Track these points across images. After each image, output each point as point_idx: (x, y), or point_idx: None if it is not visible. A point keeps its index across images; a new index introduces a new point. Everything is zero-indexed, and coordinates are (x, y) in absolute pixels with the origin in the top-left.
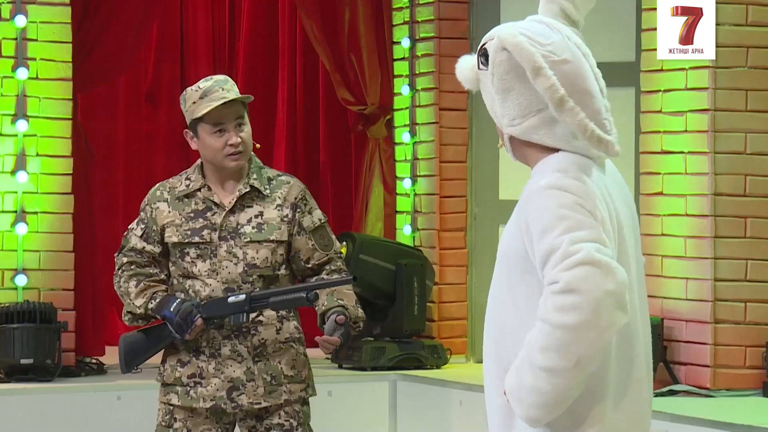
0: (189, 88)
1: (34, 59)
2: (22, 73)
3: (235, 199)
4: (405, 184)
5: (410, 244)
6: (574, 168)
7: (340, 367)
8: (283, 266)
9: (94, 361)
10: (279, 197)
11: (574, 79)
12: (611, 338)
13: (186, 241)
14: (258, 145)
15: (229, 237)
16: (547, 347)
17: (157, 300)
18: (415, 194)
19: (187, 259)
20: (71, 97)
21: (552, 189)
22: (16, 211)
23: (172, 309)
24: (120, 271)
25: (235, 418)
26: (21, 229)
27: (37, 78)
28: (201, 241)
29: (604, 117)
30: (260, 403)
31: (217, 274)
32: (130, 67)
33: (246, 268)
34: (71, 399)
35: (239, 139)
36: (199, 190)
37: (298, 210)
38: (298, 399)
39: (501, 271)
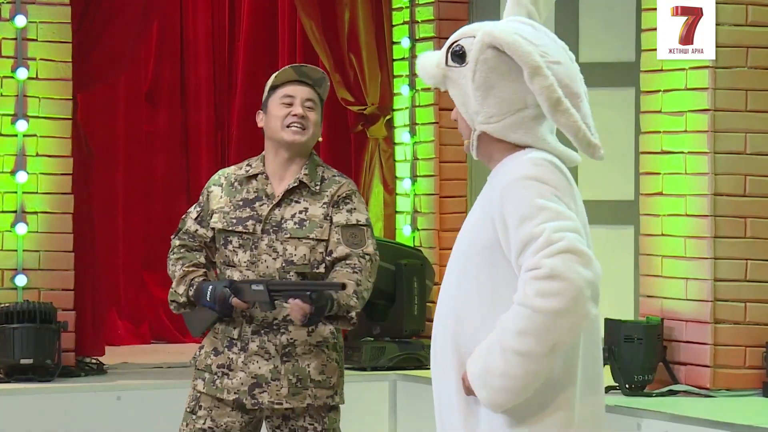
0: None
1: (34, 59)
2: (21, 73)
3: (283, 192)
4: (405, 185)
5: (410, 245)
6: (548, 162)
7: None
8: (323, 264)
9: (93, 361)
10: (327, 195)
11: (566, 81)
12: (584, 327)
13: (230, 228)
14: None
15: (271, 231)
16: (524, 331)
17: (195, 287)
18: (415, 194)
19: (230, 247)
20: (71, 97)
21: (529, 180)
22: (15, 211)
23: (209, 299)
24: (171, 253)
25: (261, 415)
26: (21, 229)
27: (36, 78)
28: (244, 231)
29: (590, 121)
30: (281, 404)
31: (256, 267)
32: (130, 67)
33: (284, 264)
34: (71, 399)
35: (303, 112)
36: (255, 176)
37: (335, 206)
38: (324, 405)
39: (463, 262)
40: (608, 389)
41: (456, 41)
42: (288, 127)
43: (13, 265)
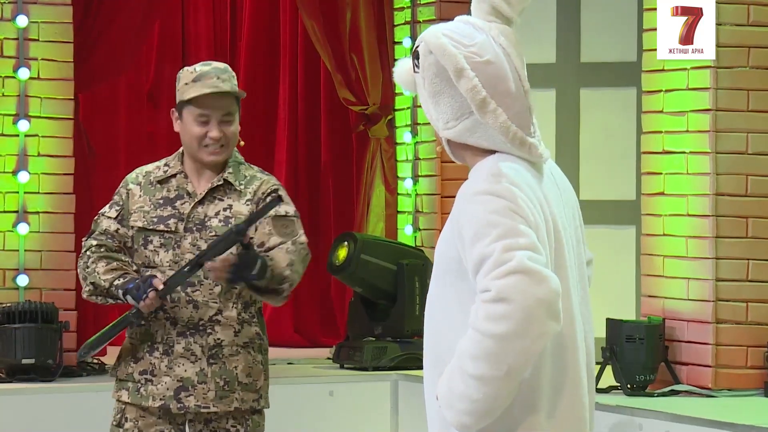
0: (186, 68)
1: (36, 59)
2: (23, 73)
3: (206, 191)
4: (406, 184)
5: (411, 244)
6: (507, 171)
7: (342, 367)
8: None
9: (95, 361)
10: (250, 192)
11: (496, 81)
12: (542, 347)
13: (150, 227)
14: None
15: (194, 229)
16: (477, 356)
17: (125, 279)
18: (417, 194)
19: (150, 247)
20: (73, 97)
21: (483, 195)
22: (17, 211)
23: (135, 281)
24: (88, 252)
25: (186, 419)
26: (22, 228)
27: (38, 78)
28: (166, 229)
29: (526, 118)
30: (209, 408)
31: (179, 266)
32: (132, 66)
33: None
34: (72, 399)
35: (220, 134)
36: (174, 176)
37: (261, 202)
38: (250, 409)
39: (437, 273)
40: (610, 389)
41: (416, 46)
42: (206, 146)
43: (15, 265)
